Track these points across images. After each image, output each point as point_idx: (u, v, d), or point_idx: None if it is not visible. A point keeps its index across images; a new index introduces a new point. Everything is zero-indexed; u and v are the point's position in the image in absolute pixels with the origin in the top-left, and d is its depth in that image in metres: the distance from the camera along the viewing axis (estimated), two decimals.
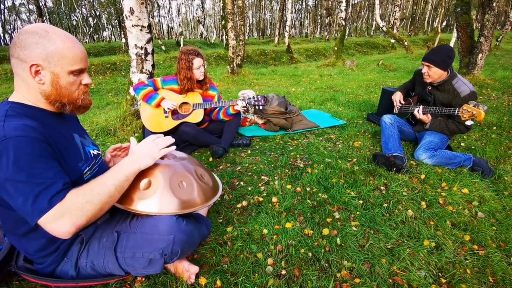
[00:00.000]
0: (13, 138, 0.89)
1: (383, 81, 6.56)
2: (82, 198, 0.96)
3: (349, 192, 1.99)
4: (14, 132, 0.90)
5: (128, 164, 1.08)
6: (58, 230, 0.93)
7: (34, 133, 0.93)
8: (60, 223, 0.92)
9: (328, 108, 4.30)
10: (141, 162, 1.10)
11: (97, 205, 0.98)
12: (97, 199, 0.98)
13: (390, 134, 2.52)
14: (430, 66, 2.33)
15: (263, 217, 1.73)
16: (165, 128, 2.69)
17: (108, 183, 1.02)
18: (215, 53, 13.21)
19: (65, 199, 0.94)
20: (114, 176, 1.04)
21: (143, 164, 1.10)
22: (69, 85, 1.04)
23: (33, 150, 0.91)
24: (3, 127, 0.90)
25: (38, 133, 0.94)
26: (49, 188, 0.92)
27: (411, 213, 1.77)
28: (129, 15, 3.06)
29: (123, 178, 1.05)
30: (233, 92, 5.87)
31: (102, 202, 0.99)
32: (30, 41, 0.95)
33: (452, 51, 2.31)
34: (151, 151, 1.13)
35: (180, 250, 1.11)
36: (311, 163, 2.46)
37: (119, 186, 1.04)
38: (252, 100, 2.74)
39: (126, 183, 1.07)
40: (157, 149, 1.14)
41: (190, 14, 44.03)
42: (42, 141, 0.94)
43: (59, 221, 0.92)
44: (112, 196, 1.02)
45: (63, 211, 0.93)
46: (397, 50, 16.36)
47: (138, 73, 3.28)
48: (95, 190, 0.99)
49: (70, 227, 0.94)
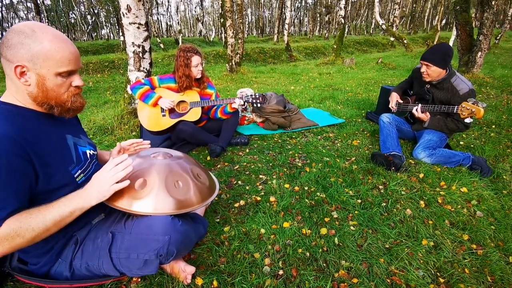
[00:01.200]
0: None
1: (382, 79, 6.55)
2: (15, 231, 0.90)
3: (348, 191, 1.97)
4: None
5: (77, 199, 1.00)
6: None
7: (7, 145, 0.89)
8: None
9: (327, 107, 4.28)
10: (90, 200, 1.01)
11: (28, 239, 0.93)
12: (30, 234, 0.92)
13: (388, 133, 2.51)
14: (429, 65, 2.31)
15: (260, 216, 1.71)
16: (163, 127, 2.67)
17: (48, 218, 0.95)
18: (214, 51, 13.17)
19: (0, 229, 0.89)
20: (58, 211, 0.97)
21: (93, 202, 1.02)
22: (57, 87, 1.00)
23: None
24: None
25: (12, 145, 0.90)
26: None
27: (410, 212, 1.76)
28: (126, 13, 3.03)
29: (66, 214, 0.98)
30: (232, 90, 5.85)
31: (34, 237, 0.94)
32: (15, 40, 0.92)
33: (450, 49, 2.29)
34: (101, 187, 1.02)
35: (176, 251, 1.09)
36: (310, 162, 2.45)
37: (59, 222, 0.97)
38: (250, 98, 2.72)
39: (70, 219, 1.00)
40: (108, 185, 1.02)
41: (189, 12, 43.89)
42: (13, 154, 0.90)
43: None
44: (48, 231, 0.96)
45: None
46: (397, 48, 16.33)
47: (136, 71, 3.26)
48: (31, 225, 0.92)
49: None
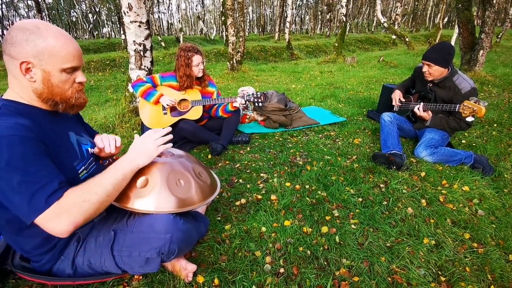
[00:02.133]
0: (6, 137, 0.87)
1: (383, 78, 6.53)
2: (79, 197, 0.94)
3: (349, 190, 1.97)
4: (7, 131, 0.88)
5: (126, 162, 1.06)
6: (56, 229, 0.92)
7: (27, 132, 0.91)
8: (58, 222, 0.91)
9: (328, 105, 4.28)
10: (139, 160, 1.08)
11: (95, 204, 0.97)
12: (95, 198, 0.97)
13: (389, 132, 2.50)
14: (430, 64, 2.31)
15: (261, 215, 1.72)
16: (164, 125, 2.67)
17: (105, 182, 1.00)
18: (215, 49, 13.16)
19: (63, 198, 0.92)
20: (112, 175, 1.02)
21: (141, 162, 1.09)
22: (62, 83, 1.01)
23: (27, 149, 0.89)
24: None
25: (31, 132, 0.92)
26: (45, 187, 0.90)
27: (411, 211, 1.76)
28: (128, 11, 3.03)
29: (120, 176, 1.03)
30: (233, 88, 5.85)
31: (99, 201, 0.98)
32: (20, 37, 0.93)
33: (451, 48, 2.28)
34: (149, 149, 1.11)
35: (177, 249, 1.10)
36: (311, 160, 2.45)
37: (116, 185, 1.02)
38: (252, 97, 2.72)
39: (124, 182, 1.05)
40: (154, 146, 1.12)
41: (190, 10, 43.82)
42: (35, 139, 0.92)
43: (56, 220, 0.91)
44: (110, 195, 1.01)
45: (60, 210, 0.91)
46: (398, 47, 16.27)
47: (137, 70, 3.26)
48: (92, 189, 0.97)
49: (68, 226, 0.93)
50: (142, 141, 1.12)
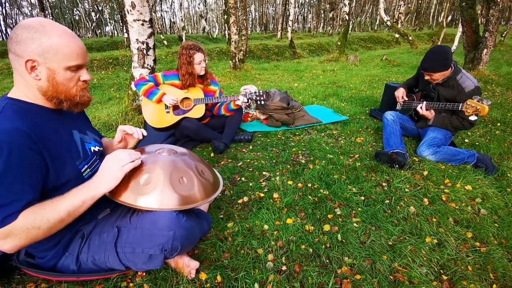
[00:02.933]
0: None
1: (386, 77, 6.51)
2: (30, 223, 0.92)
3: (351, 188, 1.98)
4: (0, 136, 0.88)
5: (88, 189, 1.03)
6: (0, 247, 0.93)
7: (21, 139, 0.91)
8: (3, 242, 0.92)
9: (331, 104, 4.27)
10: (101, 187, 1.04)
11: (44, 230, 0.95)
12: (46, 225, 0.95)
13: (392, 131, 2.50)
14: (432, 74, 2.30)
15: (264, 213, 1.72)
16: (167, 124, 2.69)
17: (62, 208, 0.97)
18: (217, 48, 13.14)
19: (15, 221, 0.91)
20: (70, 201, 0.99)
21: (104, 189, 1.04)
22: (66, 81, 1.02)
23: (12, 158, 0.89)
24: None
25: (25, 139, 0.92)
26: (7, 206, 0.90)
27: (413, 209, 1.76)
28: (131, 10, 3.04)
29: (79, 204, 1.00)
30: (235, 87, 5.85)
31: (50, 227, 0.96)
32: (25, 36, 0.93)
33: (446, 51, 2.24)
34: (112, 171, 1.05)
35: (180, 246, 1.11)
36: (313, 159, 2.45)
37: (73, 212, 1.00)
38: (254, 95, 2.72)
39: (82, 209, 1.02)
40: (118, 167, 1.05)
41: (192, 8, 43.80)
42: (27, 147, 0.92)
43: (3, 240, 0.92)
44: (63, 221, 0.99)
45: (9, 232, 0.91)
46: (402, 45, 16.19)
47: (140, 68, 3.27)
48: (45, 216, 0.95)
49: (11, 248, 0.93)
50: (106, 164, 1.07)
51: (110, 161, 1.07)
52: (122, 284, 1.23)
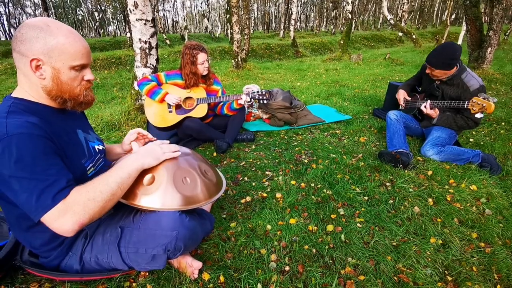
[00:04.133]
0: (16, 135, 0.88)
1: (390, 75, 6.47)
2: (85, 196, 0.94)
3: (354, 188, 1.97)
4: (16, 129, 0.89)
5: (132, 161, 1.07)
6: (61, 228, 0.92)
7: (36, 130, 0.92)
8: (63, 221, 0.91)
9: (334, 103, 4.25)
10: (144, 160, 1.10)
11: (100, 202, 0.97)
12: (100, 197, 0.97)
13: (395, 131, 2.48)
14: (432, 68, 2.29)
15: (267, 213, 1.72)
16: (169, 123, 2.68)
17: (110, 181, 1.00)
18: (220, 47, 13.14)
19: (68, 196, 0.93)
20: (117, 174, 1.03)
21: (147, 162, 1.10)
22: (71, 81, 1.02)
23: (36, 147, 0.90)
24: (6, 124, 0.89)
25: (40, 130, 0.93)
26: (52, 185, 0.91)
27: (418, 210, 1.75)
28: (133, 9, 3.04)
29: (125, 175, 1.04)
30: (237, 86, 5.85)
31: (104, 200, 0.98)
32: (30, 35, 0.93)
33: (455, 51, 2.21)
34: (155, 152, 1.14)
35: (183, 246, 1.11)
36: (316, 158, 2.44)
37: (121, 184, 1.03)
38: (257, 95, 2.71)
39: (129, 181, 1.06)
40: (161, 151, 1.16)
41: (194, 8, 43.81)
42: (44, 137, 0.93)
43: (62, 218, 0.91)
44: (115, 194, 1.01)
45: (66, 208, 0.91)
46: (405, 44, 16.12)
47: (143, 68, 3.28)
48: (97, 188, 0.97)
49: (73, 225, 0.93)
50: (150, 146, 1.18)
51: (152, 145, 1.18)
52: (125, 284, 1.23)
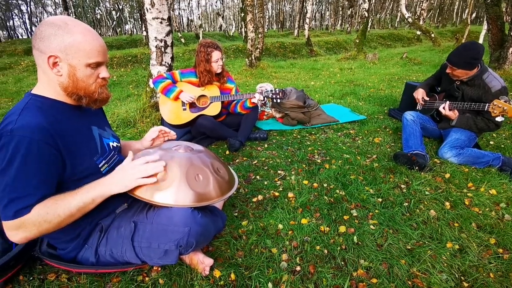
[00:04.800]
0: (17, 136, 0.91)
1: (406, 75, 6.32)
2: (42, 218, 0.95)
3: (368, 190, 1.93)
4: (21, 131, 0.92)
5: (99, 187, 1.05)
6: (10, 238, 0.97)
7: (39, 135, 0.94)
8: (14, 233, 0.96)
9: (348, 103, 4.20)
10: (112, 187, 1.06)
11: (54, 224, 0.98)
12: (56, 220, 0.98)
13: (412, 132, 2.42)
14: (453, 67, 2.22)
15: (278, 212, 1.71)
16: (183, 120, 2.71)
17: (72, 204, 1.00)
18: (234, 45, 13.18)
19: (28, 215, 0.94)
20: (81, 199, 1.01)
21: (114, 190, 1.06)
22: (86, 78, 1.04)
23: (30, 154, 0.92)
24: (16, 122, 0.93)
25: (44, 135, 0.95)
26: (22, 199, 0.93)
27: (434, 213, 1.70)
28: (150, 8, 3.08)
29: (89, 201, 1.03)
30: (251, 85, 5.85)
31: (60, 222, 0.99)
32: (49, 32, 0.96)
33: (477, 51, 2.14)
34: (126, 178, 1.06)
35: (195, 242, 1.11)
36: (329, 158, 2.41)
37: (83, 208, 1.02)
38: (270, 93, 2.71)
39: (92, 206, 1.04)
40: (134, 178, 1.06)
41: (209, 6, 44.10)
42: (44, 143, 0.95)
43: (14, 231, 0.95)
44: (73, 216, 1.01)
45: (21, 224, 0.94)
46: (423, 43, 15.70)
47: (158, 66, 3.32)
48: (57, 211, 0.97)
49: (21, 239, 0.97)
50: (123, 168, 1.09)
51: (127, 167, 1.08)
52: (138, 277, 1.26)
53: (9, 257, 1.15)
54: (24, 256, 1.23)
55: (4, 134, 0.91)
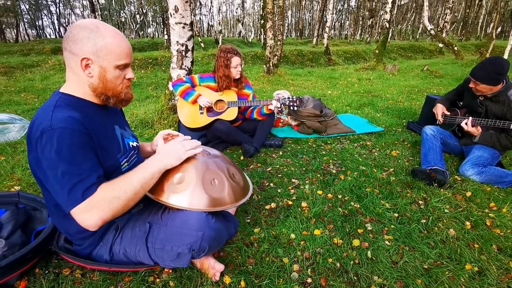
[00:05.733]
0: (58, 129, 0.94)
1: (427, 88, 6.18)
2: (110, 194, 0.99)
3: (384, 204, 1.89)
4: (60, 123, 0.95)
5: (155, 162, 1.11)
6: (86, 221, 0.98)
7: (77, 125, 0.97)
8: (88, 216, 0.97)
9: (365, 114, 4.14)
10: (167, 160, 1.13)
11: (123, 201, 1.01)
12: (124, 196, 1.01)
13: (431, 146, 2.36)
14: (477, 82, 2.16)
15: (291, 221, 1.69)
16: (200, 124, 2.74)
17: (134, 181, 1.05)
18: (252, 52, 13.28)
19: (96, 193, 0.98)
20: (141, 174, 1.06)
21: (169, 163, 1.13)
22: (114, 79, 1.08)
23: (75, 142, 0.96)
24: (51, 118, 0.96)
25: (81, 126, 0.98)
26: (84, 180, 0.96)
27: (453, 232, 1.64)
28: (174, 13, 3.16)
29: (149, 176, 1.07)
30: (268, 91, 5.86)
31: (127, 199, 1.02)
32: (82, 35, 1.00)
33: (503, 66, 2.07)
34: (177, 151, 1.16)
35: (208, 247, 1.12)
36: (344, 169, 2.37)
37: (144, 184, 1.07)
38: (287, 101, 2.70)
39: (152, 181, 1.09)
40: (183, 150, 1.17)
41: (230, 12, 44.79)
42: (83, 133, 0.99)
43: (87, 213, 0.97)
44: (137, 193, 1.05)
45: (92, 204, 0.97)
46: (445, 55, 15.35)
47: (178, 69, 3.39)
48: (122, 187, 1.02)
49: (97, 221, 0.98)
50: (172, 144, 1.18)
51: (174, 143, 1.19)
52: (150, 278, 1.26)
53: (27, 250, 1.18)
54: (42, 250, 1.26)
55: (45, 130, 0.94)
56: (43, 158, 0.95)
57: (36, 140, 0.95)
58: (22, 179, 2.12)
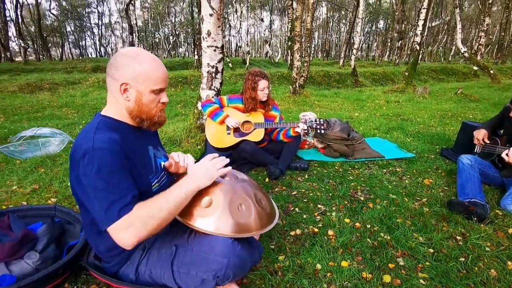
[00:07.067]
0: (99, 149, 0.99)
1: (461, 113, 5.91)
2: (145, 213, 1.01)
3: (417, 237, 1.77)
4: (101, 144, 1.00)
5: (189, 182, 1.12)
6: (122, 240, 1.00)
7: (116, 146, 1.03)
8: (125, 234, 0.99)
9: (395, 138, 4.00)
10: (200, 181, 1.14)
11: (158, 220, 1.03)
12: (158, 215, 1.03)
13: (469, 177, 2.21)
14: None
15: (317, 250, 1.63)
16: (226, 144, 2.78)
17: (170, 200, 1.06)
18: (279, 72, 13.49)
19: (132, 211, 1.00)
20: (176, 194, 1.08)
21: (202, 183, 1.14)
22: (149, 103, 1.13)
23: (114, 162, 1.01)
24: (93, 139, 1.01)
25: (119, 147, 1.03)
26: (121, 199, 1.00)
27: (494, 273, 1.50)
28: (206, 37, 3.30)
29: (183, 196, 1.09)
30: (293, 112, 5.87)
31: (162, 218, 1.04)
32: (123, 62, 1.07)
33: None
34: (209, 171, 1.17)
35: (232, 274, 1.10)
36: (373, 197, 2.28)
37: (179, 203, 1.08)
38: (314, 123, 2.69)
39: (186, 201, 1.11)
40: (214, 169, 1.18)
41: (258, 34, 46.14)
42: (121, 154, 1.03)
43: (124, 232, 0.99)
44: (172, 213, 1.07)
45: (128, 223, 0.99)
46: (480, 79, 14.71)
47: (207, 90, 3.49)
48: (157, 206, 1.04)
49: (132, 239, 1.00)
50: (203, 164, 1.19)
51: (205, 163, 1.19)
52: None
53: (59, 265, 1.22)
54: (73, 265, 1.30)
55: (88, 151, 1.00)
56: (84, 176, 1.00)
57: (78, 160, 1.01)
58: (59, 191, 2.23)
